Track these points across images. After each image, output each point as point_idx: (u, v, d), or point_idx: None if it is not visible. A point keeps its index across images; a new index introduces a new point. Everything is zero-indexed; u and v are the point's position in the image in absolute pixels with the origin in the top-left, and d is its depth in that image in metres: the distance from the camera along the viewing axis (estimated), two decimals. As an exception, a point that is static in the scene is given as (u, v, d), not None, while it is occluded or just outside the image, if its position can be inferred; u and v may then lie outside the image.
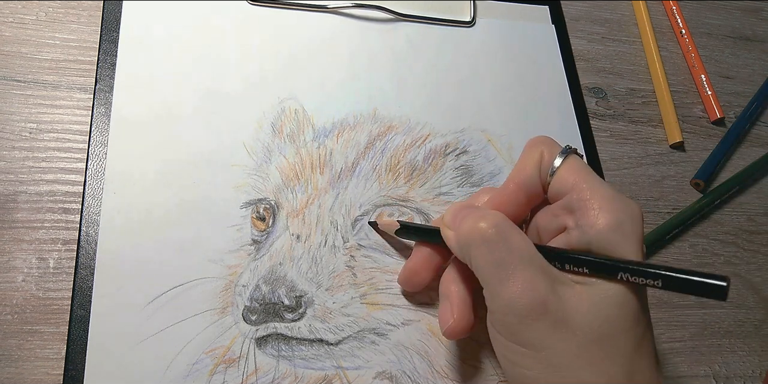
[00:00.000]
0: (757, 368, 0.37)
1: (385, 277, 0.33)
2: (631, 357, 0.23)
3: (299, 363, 0.30)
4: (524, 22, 0.44)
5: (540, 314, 0.23)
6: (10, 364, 0.28)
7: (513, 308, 0.23)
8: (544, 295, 0.23)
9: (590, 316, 0.23)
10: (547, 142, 0.28)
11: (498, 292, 0.24)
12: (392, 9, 0.41)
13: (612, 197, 0.24)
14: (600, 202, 0.24)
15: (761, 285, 0.40)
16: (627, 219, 0.24)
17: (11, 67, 0.35)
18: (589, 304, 0.23)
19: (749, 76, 0.49)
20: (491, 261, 0.24)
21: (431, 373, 0.31)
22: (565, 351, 0.23)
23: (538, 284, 0.23)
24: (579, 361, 0.23)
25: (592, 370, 0.23)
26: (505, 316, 0.24)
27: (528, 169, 0.27)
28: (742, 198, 0.44)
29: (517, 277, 0.24)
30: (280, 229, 0.33)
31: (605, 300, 0.23)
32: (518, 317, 0.23)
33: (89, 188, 0.32)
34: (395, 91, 0.39)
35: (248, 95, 0.36)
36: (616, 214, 0.24)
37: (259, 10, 0.39)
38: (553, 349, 0.23)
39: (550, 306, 0.23)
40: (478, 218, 0.25)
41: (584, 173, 0.26)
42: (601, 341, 0.23)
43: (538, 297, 0.23)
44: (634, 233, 0.24)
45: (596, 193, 0.25)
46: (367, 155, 0.36)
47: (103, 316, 0.29)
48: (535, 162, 0.27)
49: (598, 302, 0.23)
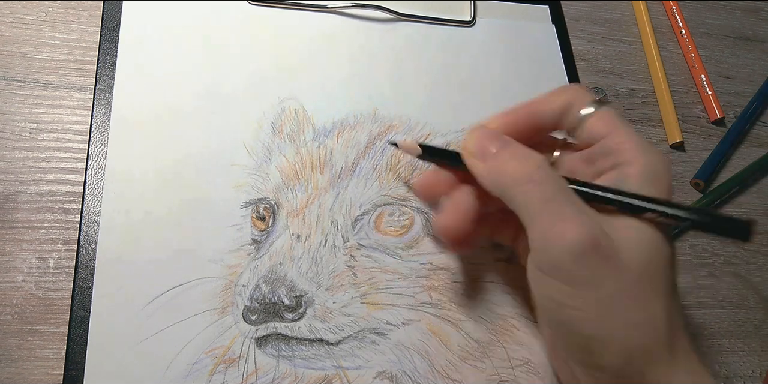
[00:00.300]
0: (757, 368, 0.37)
1: (386, 276, 0.33)
2: (671, 296, 0.24)
3: (299, 363, 0.30)
4: (524, 22, 0.44)
5: (591, 249, 0.23)
6: (10, 364, 0.28)
7: (565, 244, 0.23)
8: (594, 230, 0.23)
9: (635, 253, 0.23)
10: (580, 90, 0.28)
11: (547, 230, 0.24)
12: (392, 9, 0.41)
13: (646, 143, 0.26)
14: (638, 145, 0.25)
15: (761, 285, 0.40)
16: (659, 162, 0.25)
17: (11, 67, 0.35)
18: (632, 242, 0.24)
19: (749, 76, 0.49)
20: (538, 198, 0.24)
21: (431, 373, 0.31)
22: (614, 288, 0.23)
23: (588, 220, 0.23)
24: (626, 299, 0.23)
25: (641, 310, 0.23)
26: (554, 253, 0.24)
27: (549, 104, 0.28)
28: (742, 198, 0.44)
29: (566, 213, 0.24)
30: (280, 228, 0.33)
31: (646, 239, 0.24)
32: (571, 253, 0.23)
33: (89, 188, 0.32)
34: (395, 91, 0.39)
35: (248, 95, 0.36)
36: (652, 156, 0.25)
37: (259, 10, 0.39)
38: (603, 286, 0.23)
39: (600, 242, 0.23)
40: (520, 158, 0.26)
41: (618, 120, 0.27)
42: (647, 279, 0.23)
43: (591, 232, 0.23)
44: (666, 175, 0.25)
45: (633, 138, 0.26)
46: (368, 155, 0.36)
47: (103, 316, 0.29)
48: (561, 102, 0.27)
49: (640, 241, 0.24)
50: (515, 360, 0.32)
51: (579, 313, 0.23)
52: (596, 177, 0.27)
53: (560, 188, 0.25)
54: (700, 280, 0.39)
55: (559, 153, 0.29)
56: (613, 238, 0.24)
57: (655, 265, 0.24)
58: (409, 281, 0.33)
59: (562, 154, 0.29)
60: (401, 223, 0.34)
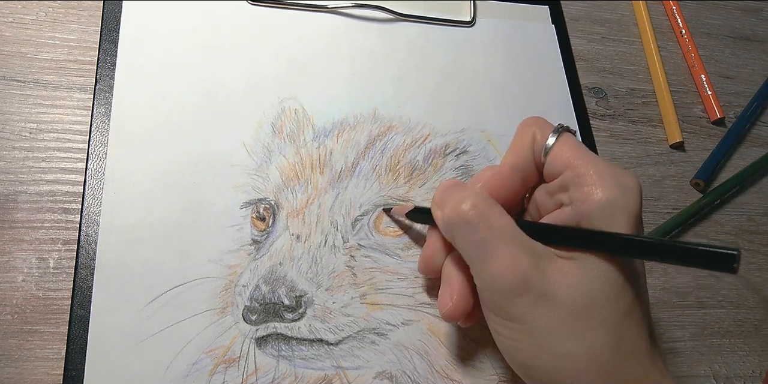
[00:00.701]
0: (757, 368, 0.37)
1: (385, 277, 0.33)
2: (615, 328, 0.23)
3: (299, 363, 0.30)
4: (524, 22, 0.44)
5: (523, 290, 0.23)
6: (10, 364, 0.28)
7: (497, 285, 0.24)
8: (525, 271, 0.23)
9: (571, 289, 0.23)
10: (539, 122, 0.28)
11: (481, 271, 0.25)
12: (392, 9, 0.41)
13: (606, 173, 0.24)
14: (594, 178, 0.24)
15: (761, 285, 0.40)
16: (619, 194, 0.24)
17: (11, 67, 0.35)
18: (571, 278, 0.24)
19: (749, 76, 0.49)
20: (473, 241, 0.25)
21: (431, 373, 0.31)
22: (548, 324, 0.23)
23: (520, 261, 0.24)
24: (562, 334, 0.23)
25: (574, 341, 0.23)
26: (490, 293, 0.25)
27: (521, 151, 0.27)
28: (742, 198, 0.44)
29: (498, 256, 0.24)
30: (280, 229, 0.33)
31: (588, 273, 0.24)
32: (502, 294, 0.24)
33: (89, 188, 0.32)
34: (395, 91, 0.39)
35: (248, 95, 0.36)
36: (609, 190, 0.24)
37: (259, 10, 0.39)
38: (537, 323, 0.24)
39: (532, 281, 0.23)
40: (459, 200, 0.26)
41: (577, 150, 0.26)
42: (583, 314, 0.23)
43: (520, 274, 0.23)
44: (626, 208, 0.24)
45: (590, 169, 0.25)
46: (367, 155, 0.36)
47: (103, 316, 0.29)
48: (528, 143, 0.27)
49: (579, 275, 0.24)
50: (515, 360, 0.32)
51: (517, 344, 0.25)
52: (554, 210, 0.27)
53: (499, 228, 0.25)
54: (700, 280, 0.39)
55: None
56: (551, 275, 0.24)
57: (601, 298, 0.23)
58: (409, 281, 0.33)
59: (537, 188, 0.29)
60: (401, 223, 0.34)
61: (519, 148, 0.28)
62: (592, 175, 0.24)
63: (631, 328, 0.24)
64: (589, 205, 0.24)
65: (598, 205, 0.24)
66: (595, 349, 0.23)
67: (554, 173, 0.26)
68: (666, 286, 0.39)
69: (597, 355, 0.23)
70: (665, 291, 0.38)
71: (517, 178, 0.27)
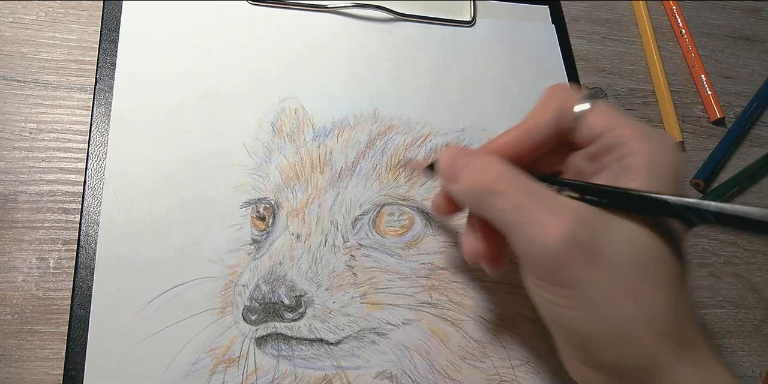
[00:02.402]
0: (757, 368, 0.37)
1: (386, 276, 0.33)
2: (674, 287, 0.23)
3: (299, 363, 0.30)
4: (524, 22, 0.44)
5: (573, 251, 0.22)
6: (10, 364, 0.28)
7: (544, 250, 0.22)
8: (574, 231, 0.22)
9: (627, 246, 0.22)
10: (563, 90, 0.27)
11: (524, 237, 0.23)
12: (392, 9, 0.41)
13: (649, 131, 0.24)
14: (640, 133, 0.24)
15: (761, 285, 0.40)
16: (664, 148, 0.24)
17: (11, 67, 0.35)
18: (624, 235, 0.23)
19: (749, 76, 0.49)
20: (507, 209, 0.23)
21: (431, 373, 0.31)
22: (605, 285, 0.22)
23: (566, 221, 0.22)
24: (619, 296, 0.22)
25: (634, 304, 0.22)
26: (536, 259, 0.23)
27: (545, 115, 0.27)
28: (742, 198, 0.44)
29: (540, 218, 0.23)
30: (280, 228, 0.32)
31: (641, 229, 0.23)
32: (550, 258, 0.22)
33: (89, 188, 0.32)
34: (395, 91, 0.39)
35: (248, 95, 0.36)
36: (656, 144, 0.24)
37: (259, 10, 0.39)
38: (591, 285, 0.22)
39: (583, 241, 0.22)
40: (479, 169, 0.25)
41: (615, 113, 0.25)
42: (639, 272, 0.22)
43: (569, 234, 0.22)
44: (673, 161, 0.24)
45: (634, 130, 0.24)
46: (368, 155, 0.36)
47: (103, 316, 0.29)
48: (554, 109, 0.27)
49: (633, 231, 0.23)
50: (515, 360, 0.32)
51: (571, 312, 0.23)
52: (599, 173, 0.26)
53: (528, 192, 0.24)
54: (700, 280, 0.39)
55: None
56: (600, 234, 0.23)
57: (653, 257, 0.23)
58: (409, 281, 0.33)
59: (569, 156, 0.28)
60: (401, 222, 0.34)
61: (542, 112, 0.27)
62: (638, 133, 0.24)
63: (684, 288, 0.23)
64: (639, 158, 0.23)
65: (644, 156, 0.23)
66: (655, 310, 0.22)
67: (591, 137, 0.26)
68: (666, 285, 0.39)
69: (656, 317, 0.22)
70: None
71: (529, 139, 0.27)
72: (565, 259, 0.22)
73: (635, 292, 0.22)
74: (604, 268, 0.22)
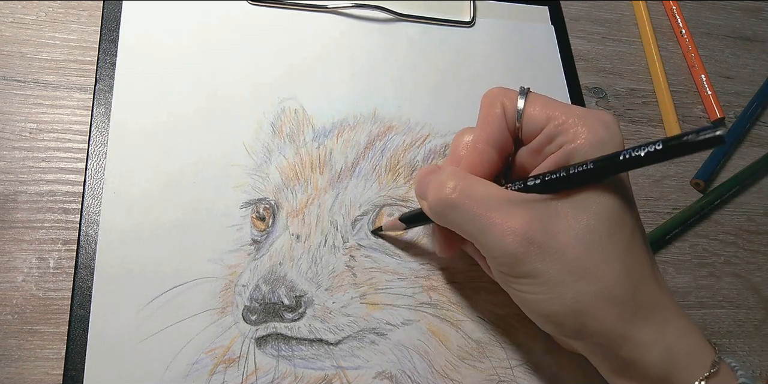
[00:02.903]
0: (757, 368, 0.37)
1: (385, 277, 0.33)
2: (623, 258, 0.25)
3: (299, 363, 0.30)
4: (524, 23, 0.44)
5: (527, 248, 0.24)
6: (10, 364, 0.28)
7: (503, 252, 0.25)
8: (524, 230, 0.24)
9: (572, 232, 0.24)
10: (503, 91, 0.28)
11: (485, 243, 0.25)
12: (392, 9, 0.41)
13: (586, 115, 0.26)
14: (576, 120, 0.26)
15: (761, 285, 0.40)
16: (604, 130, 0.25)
17: (11, 67, 0.35)
18: (570, 220, 0.25)
19: (749, 76, 0.49)
20: (466, 220, 0.26)
21: (431, 373, 0.31)
22: (559, 271, 0.24)
23: (515, 223, 0.24)
24: (572, 276, 0.24)
25: (586, 280, 0.24)
26: (499, 260, 0.25)
27: (493, 122, 0.28)
28: (742, 198, 0.44)
29: (494, 225, 0.25)
30: (279, 228, 0.33)
31: (585, 211, 0.25)
32: (510, 258, 0.25)
33: (89, 188, 0.32)
34: (395, 92, 0.39)
35: (248, 95, 0.36)
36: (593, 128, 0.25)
37: (259, 10, 0.39)
38: (548, 272, 0.24)
39: (534, 237, 0.24)
40: (438, 185, 0.27)
41: (551, 103, 0.27)
42: (588, 252, 0.24)
43: (520, 234, 0.24)
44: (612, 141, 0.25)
45: (570, 116, 0.26)
46: (367, 155, 0.36)
47: (103, 316, 0.29)
48: (499, 113, 0.28)
49: (578, 215, 0.25)
50: (514, 360, 0.32)
51: (535, 296, 0.25)
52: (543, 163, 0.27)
53: (485, 200, 0.25)
54: (700, 280, 0.39)
55: None
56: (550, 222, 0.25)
57: (603, 232, 0.24)
58: (409, 281, 0.33)
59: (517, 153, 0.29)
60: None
61: (490, 120, 0.28)
62: (575, 119, 0.26)
63: (636, 254, 0.25)
64: (578, 144, 0.25)
65: (587, 142, 0.25)
66: (608, 282, 0.24)
67: (534, 131, 0.27)
68: (666, 286, 0.39)
69: (610, 287, 0.24)
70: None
71: (493, 151, 0.28)
72: (521, 256, 0.25)
73: (584, 271, 0.24)
74: (555, 257, 0.24)
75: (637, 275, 0.25)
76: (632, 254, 0.25)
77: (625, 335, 0.24)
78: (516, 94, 0.28)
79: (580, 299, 0.24)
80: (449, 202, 0.26)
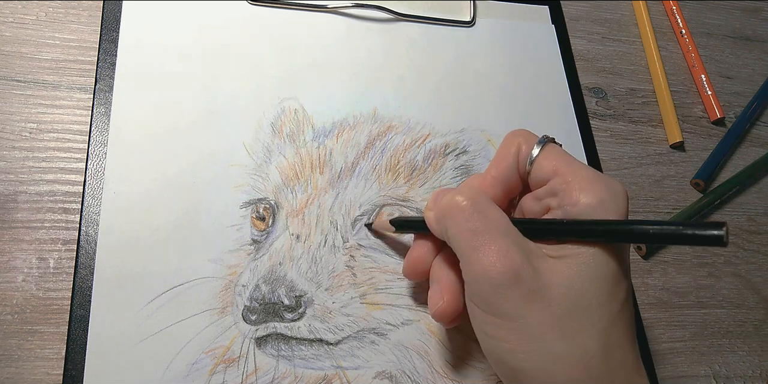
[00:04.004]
0: (757, 368, 0.37)
1: (385, 276, 0.33)
2: (607, 332, 0.23)
3: (299, 363, 0.30)
4: (524, 22, 0.44)
5: (513, 283, 0.23)
6: (10, 364, 0.28)
7: (487, 276, 0.23)
8: (518, 264, 0.23)
9: (564, 288, 0.23)
10: (524, 134, 0.28)
11: (472, 261, 0.24)
12: (392, 9, 0.41)
13: (593, 178, 0.25)
14: (581, 183, 0.25)
15: (761, 285, 0.40)
16: (609, 197, 0.24)
17: (11, 67, 0.35)
18: (564, 277, 0.23)
19: (749, 76, 0.49)
20: (466, 229, 0.25)
21: (431, 373, 0.31)
22: (540, 321, 0.23)
23: (513, 253, 0.23)
24: (553, 333, 0.23)
25: (567, 342, 0.22)
26: (479, 285, 0.24)
27: (506, 161, 0.28)
28: (742, 198, 0.44)
29: (491, 246, 0.24)
30: (279, 228, 0.33)
31: (581, 273, 0.23)
32: (492, 286, 0.23)
33: (89, 188, 0.32)
34: (395, 91, 0.39)
35: (248, 95, 0.36)
36: (597, 193, 0.24)
37: (259, 10, 0.39)
38: (527, 319, 0.23)
39: (524, 275, 0.23)
40: (454, 193, 0.26)
41: (564, 158, 0.26)
42: (575, 314, 0.23)
43: (512, 265, 0.23)
44: (615, 210, 0.24)
45: (577, 176, 0.25)
46: (367, 155, 0.36)
47: (103, 316, 0.29)
48: (513, 154, 0.28)
49: (573, 275, 0.23)
50: (515, 360, 0.32)
51: (505, 345, 0.24)
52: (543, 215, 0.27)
53: (493, 220, 0.25)
54: (700, 280, 0.39)
55: None
56: (543, 273, 0.23)
57: (593, 299, 0.23)
58: (409, 281, 0.33)
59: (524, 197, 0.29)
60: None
61: (503, 158, 0.28)
62: (581, 181, 0.25)
63: (620, 333, 0.23)
64: (579, 207, 0.24)
65: (588, 207, 0.24)
66: (586, 352, 0.23)
67: (541, 181, 0.27)
68: (666, 286, 0.39)
69: (587, 358, 0.22)
70: (665, 291, 0.38)
71: (501, 188, 0.28)
72: (503, 291, 0.23)
73: (569, 331, 0.23)
74: (541, 305, 0.23)
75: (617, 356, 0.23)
76: (616, 332, 0.23)
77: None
78: (536, 140, 0.28)
79: (555, 361, 0.22)
80: (459, 207, 0.25)
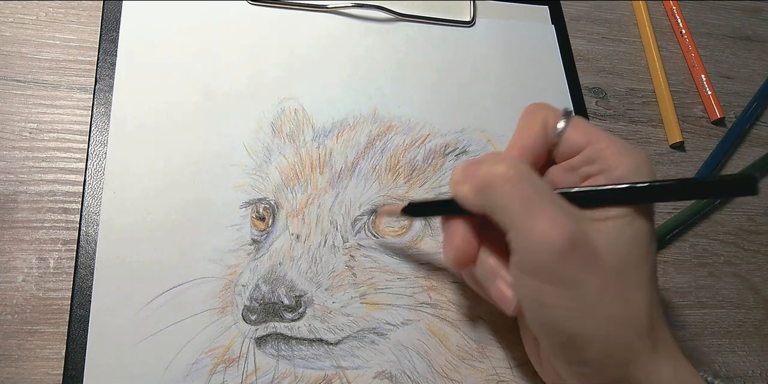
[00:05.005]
0: (757, 368, 0.37)
1: (385, 276, 0.33)
2: (649, 290, 0.25)
3: (299, 363, 0.30)
4: (524, 22, 0.44)
5: (570, 249, 0.23)
6: (10, 364, 0.28)
7: (544, 244, 0.23)
8: (572, 230, 0.23)
9: (613, 249, 0.24)
10: (548, 106, 0.28)
11: (527, 229, 0.23)
12: (392, 9, 0.41)
13: (624, 144, 0.27)
14: (618, 147, 0.26)
15: (761, 285, 0.40)
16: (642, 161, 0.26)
17: (11, 67, 0.35)
18: (610, 239, 0.24)
19: (749, 76, 0.49)
20: (518, 198, 0.24)
21: (431, 373, 0.31)
22: (595, 285, 0.23)
23: (566, 220, 0.23)
24: (607, 295, 0.23)
25: (621, 303, 0.24)
26: (536, 254, 0.23)
27: (532, 134, 0.28)
28: (742, 198, 0.44)
29: (545, 213, 0.23)
30: (279, 228, 0.33)
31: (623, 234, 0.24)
32: (549, 254, 0.23)
33: (89, 188, 0.32)
34: (395, 91, 0.39)
35: (248, 95, 0.36)
36: (633, 157, 0.26)
37: (259, 10, 0.39)
38: (585, 285, 0.23)
39: (579, 241, 0.23)
40: (493, 163, 0.25)
41: (592, 128, 0.27)
42: (624, 274, 0.24)
43: (568, 231, 0.23)
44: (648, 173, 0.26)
45: (611, 143, 0.26)
46: (367, 155, 0.36)
47: (103, 316, 0.29)
48: (539, 126, 0.28)
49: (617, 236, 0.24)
50: (514, 360, 0.32)
51: (562, 312, 0.24)
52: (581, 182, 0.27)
53: (540, 188, 0.24)
54: (700, 280, 0.39)
55: None
56: (592, 237, 0.24)
57: (635, 259, 0.24)
58: (409, 281, 0.33)
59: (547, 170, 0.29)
60: (400, 223, 0.34)
61: (529, 131, 0.28)
62: (617, 147, 0.26)
63: (656, 291, 0.25)
64: (620, 170, 0.25)
65: (628, 170, 0.25)
66: (637, 309, 0.24)
67: (571, 151, 0.27)
68: (666, 286, 0.39)
69: (638, 316, 0.24)
70: (665, 291, 0.38)
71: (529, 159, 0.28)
72: (564, 258, 0.23)
73: (623, 292, 0.24)
74: (596, 270, 0.23)
75: (657, 311, 0.25)
76: (655, 290, 0.25)
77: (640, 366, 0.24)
78: (560, 112, 0.28)
79: (614, 322, 0.23)
80: (505, 177, 0.24)
